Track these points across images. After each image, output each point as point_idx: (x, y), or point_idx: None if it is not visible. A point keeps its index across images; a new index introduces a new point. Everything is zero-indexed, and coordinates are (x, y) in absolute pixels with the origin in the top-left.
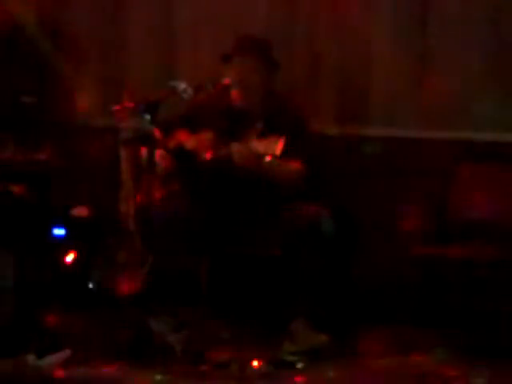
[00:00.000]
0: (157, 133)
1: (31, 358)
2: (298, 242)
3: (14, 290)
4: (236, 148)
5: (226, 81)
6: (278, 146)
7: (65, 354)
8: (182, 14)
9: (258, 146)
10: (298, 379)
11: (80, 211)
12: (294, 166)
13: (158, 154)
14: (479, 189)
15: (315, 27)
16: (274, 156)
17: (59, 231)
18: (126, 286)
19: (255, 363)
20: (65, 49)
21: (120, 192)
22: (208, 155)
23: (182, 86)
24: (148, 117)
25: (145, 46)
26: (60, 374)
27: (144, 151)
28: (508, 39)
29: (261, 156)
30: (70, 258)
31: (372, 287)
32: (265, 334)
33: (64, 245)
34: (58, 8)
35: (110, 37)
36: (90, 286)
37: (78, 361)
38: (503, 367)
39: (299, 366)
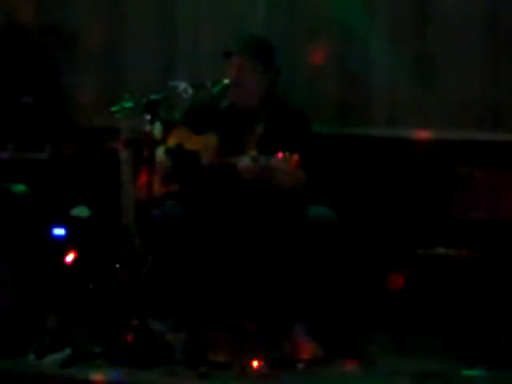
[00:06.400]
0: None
1: (31, 358)
2: (300, 243)
3: (14, 290)
4: (244, 164)
5: (227, 80)
6: (293, 162)
7: (65, 353)
8: (182, 14)
9: (272, 161)
10: (298, 379)
11: (80, 211)
12: (297, 172)
13: (158, 154)
14: (479, 189)
15: (315, 27)
16: (287, 171)
17: (59, 231)
18: (126, 286)
19: (255, 363)
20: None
21: (120, 192)
22: (210, 158)
23: (182, 85)
24: (148, 117)
25: (145, 45)
26: (60, 373)
27: (144, 151)
28: (506, 39)
29: (272, 171)
30: (69, 257)
31: (372, 287)
32: (265, 335)
33: (64, 245)
34: (57, 7)
35: (110, 36)
36: (90, 285)
37: (79, 360)
38: (503, 368)
39: (299, 366)
